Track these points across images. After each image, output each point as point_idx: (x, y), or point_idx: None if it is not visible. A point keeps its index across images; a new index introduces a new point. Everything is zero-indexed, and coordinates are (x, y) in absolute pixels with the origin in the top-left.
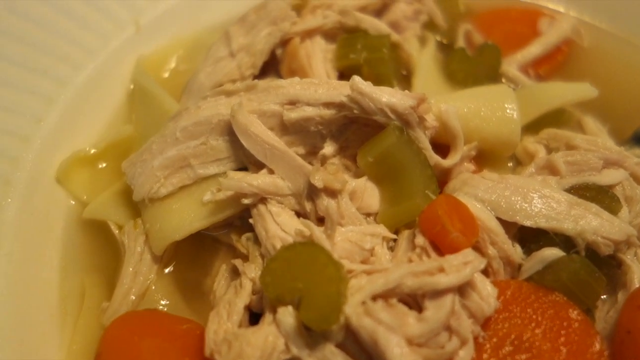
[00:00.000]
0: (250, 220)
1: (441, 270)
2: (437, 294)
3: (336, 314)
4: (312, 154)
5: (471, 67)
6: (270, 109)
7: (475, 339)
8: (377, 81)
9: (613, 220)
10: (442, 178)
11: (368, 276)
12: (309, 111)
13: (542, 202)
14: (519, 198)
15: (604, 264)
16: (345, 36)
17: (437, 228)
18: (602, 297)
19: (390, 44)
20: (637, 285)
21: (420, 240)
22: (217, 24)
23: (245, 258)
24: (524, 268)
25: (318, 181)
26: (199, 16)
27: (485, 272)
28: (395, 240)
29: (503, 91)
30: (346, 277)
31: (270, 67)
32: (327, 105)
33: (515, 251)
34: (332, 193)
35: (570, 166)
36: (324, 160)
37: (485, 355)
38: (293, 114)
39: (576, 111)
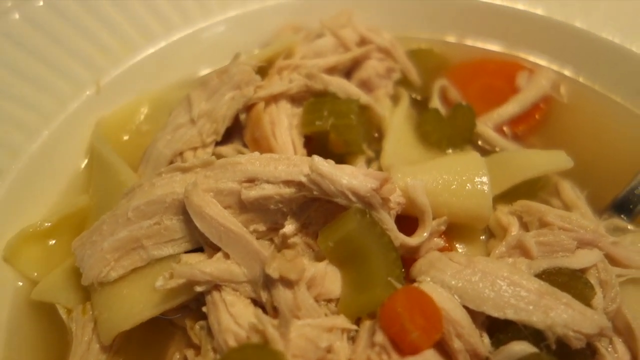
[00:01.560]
0: (204, 309)
1: None
2: None
3: None
4: (273, 230)
5: (445, 128)
6: (227, 187)
7: None
8: (346, 146)
9: (585, 312)
10: (410, 255)
11: None
12: (268, 189)
13: (511, 290)
14: (487, 285)
15: (577, 354)
16: (311, 101)
17: (397, 327)
18: None
19: (360, 106)
20: None
21: (379, 337)
22: (182, 80)
23: (198, 349)
24: None
25: (274, 271)
26: (164, 73)
27: None
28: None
29: (474, 162)
30: None
31: (235, 132)
32: (287, 183)
33: (483, 342)
34: (289, 283)
35: (543, 247)
36: (284, 240)
37: None
38: (252, 193)
39: (554, 175)
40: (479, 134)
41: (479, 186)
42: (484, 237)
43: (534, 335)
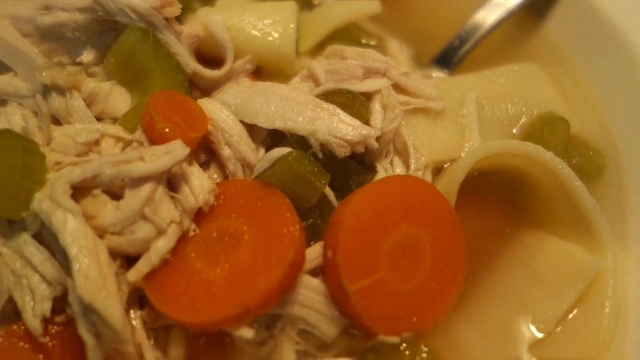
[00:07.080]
0: None
1: (140, 159)
2: (136, 182)
3: (19, 203)
4: (78, 63)
5: None
6: (24, 14)
7: (186, 232)
8: None
9: (352, 122)
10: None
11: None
12: (63, 17)
13: (283, 104)
14: (262, 101)
15: (354, 170)
16: None
17: (147, 119)
18: None
19: None
20: None
21: (137, 134)
22: None
23: None
24: (255, 168)
25: (45, 77)
26: None
27: (224, 174)
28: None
29: (285, 7)
30: (38, 166)
31: None
32: (81, 10)
33: (258, 153)
34: (61, 91)
35: (332, 75)
36: (85, 69)
37: (189, 247)
38: (47, 19)
39: (386, 35)
40: None
41: (282, 25)
42: None
43: (300, 143)
